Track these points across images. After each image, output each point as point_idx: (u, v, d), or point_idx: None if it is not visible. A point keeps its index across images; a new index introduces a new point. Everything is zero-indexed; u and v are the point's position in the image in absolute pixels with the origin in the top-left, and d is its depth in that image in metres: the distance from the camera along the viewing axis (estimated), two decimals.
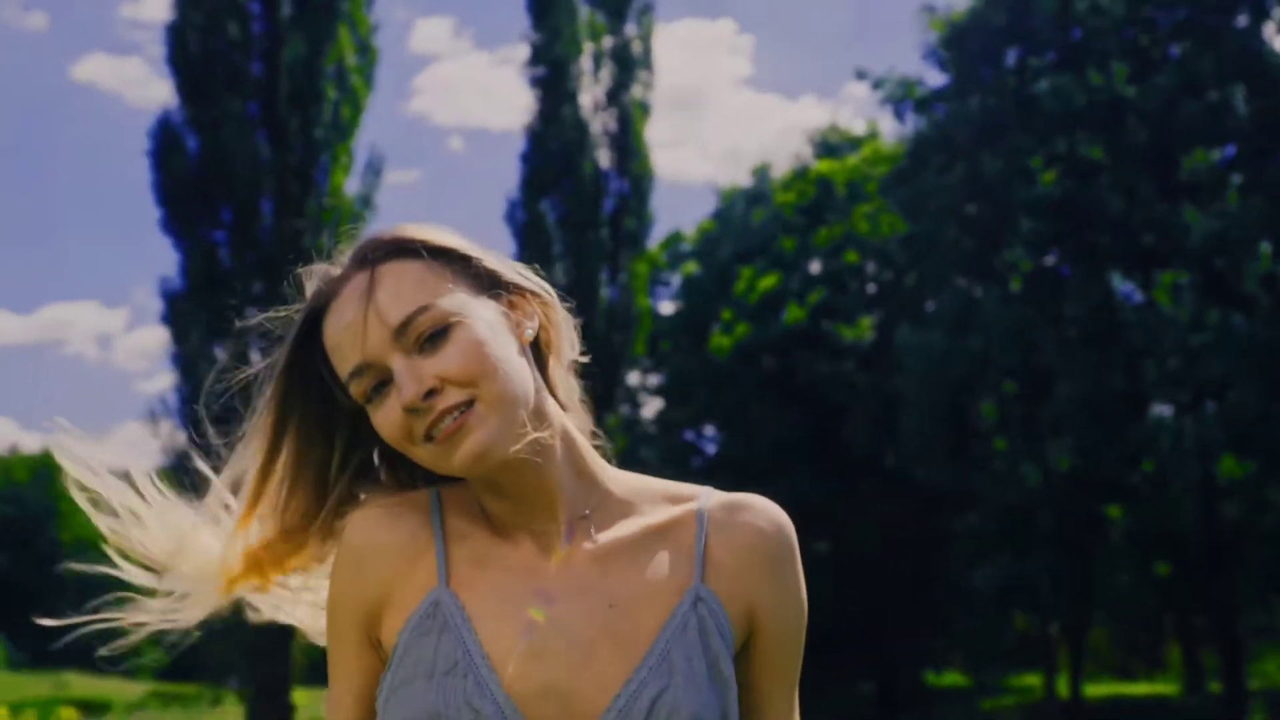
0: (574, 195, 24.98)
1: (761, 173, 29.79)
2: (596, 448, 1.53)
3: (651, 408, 31.50)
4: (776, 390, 26.86)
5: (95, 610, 1.60)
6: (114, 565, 1.60)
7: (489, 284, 1.43)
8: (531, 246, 24.53)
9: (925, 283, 23.81)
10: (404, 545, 1.44)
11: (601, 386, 24.59)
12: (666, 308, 30.85)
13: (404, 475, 1.55)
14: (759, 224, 28.46)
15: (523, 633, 1.37)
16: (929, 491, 22.94)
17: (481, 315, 1.38)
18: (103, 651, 1.63)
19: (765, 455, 26.55)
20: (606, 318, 24.14)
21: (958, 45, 21.99)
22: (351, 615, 1.45)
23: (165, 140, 19.50)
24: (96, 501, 1.55)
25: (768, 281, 26.97)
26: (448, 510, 1.46)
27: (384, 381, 1.37)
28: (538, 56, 25.43)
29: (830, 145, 29.70)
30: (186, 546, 1.55)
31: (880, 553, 26.34)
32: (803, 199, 27.82)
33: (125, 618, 1.60)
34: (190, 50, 19.23)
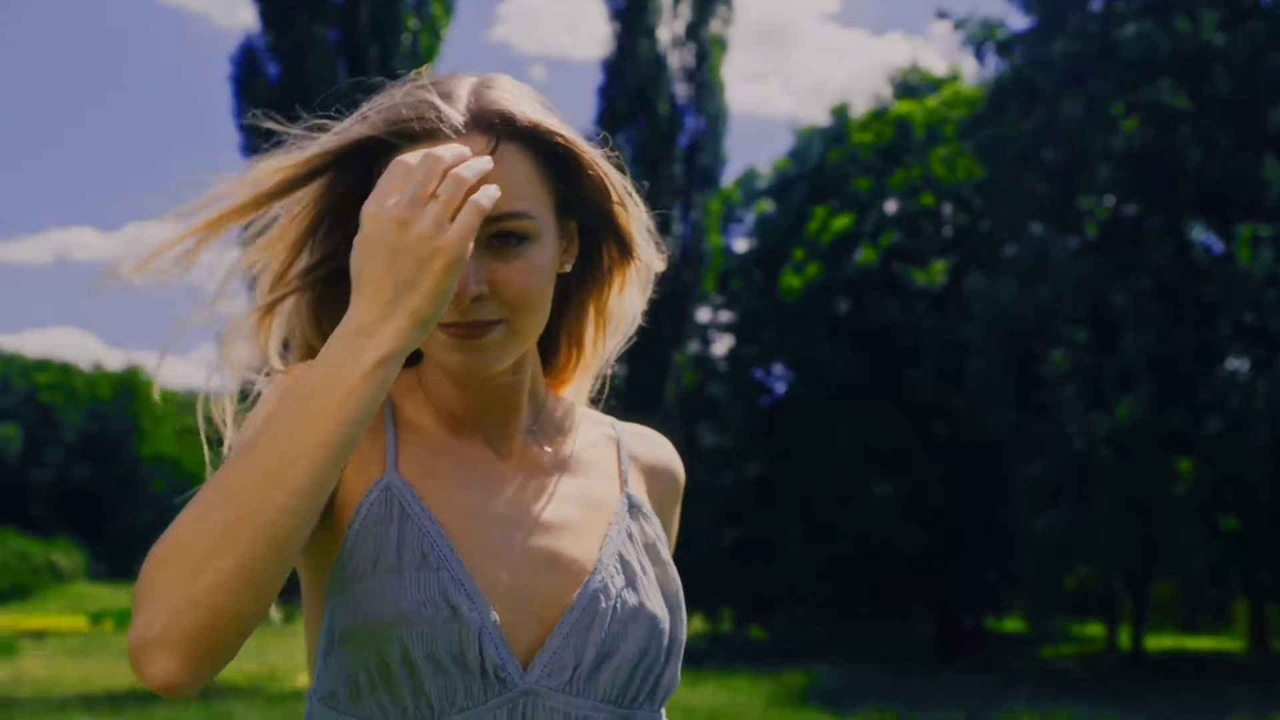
0: (650, 130, 25.00)
1: (840, 112, 29.56)
2: (605, 378, 1.58)
3: (723, 345, 31.60)
4: (846, 332, 26.82)
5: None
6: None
7: (579, 210, 1.40)
8: None
9: (1000, 228, 23.62)
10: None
11: (670, 323, 24.72)
12: (740, 245, 30.84)
13: None
14: (835, 164, 28.30)
15: (485, 531, 1.34)
16: (995, 438, 22.88)
17: (551, 242, 1.35)
18: None
19: (833, 396, 26.58)
20: (678, 254, 24.25)
21: None
22: None
23: (247, 65, 19.71)
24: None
25: (841, 222, 26.85)
26: (395, 394, 1.42)
27: None
28: None
29: (910, 86, 29.39)
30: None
31: (945, 497, 26.34)
32: (880, 140, 27.59)
33: None
34: None
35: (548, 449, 1.45)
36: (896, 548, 26.06)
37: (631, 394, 24.46)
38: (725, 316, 31.04)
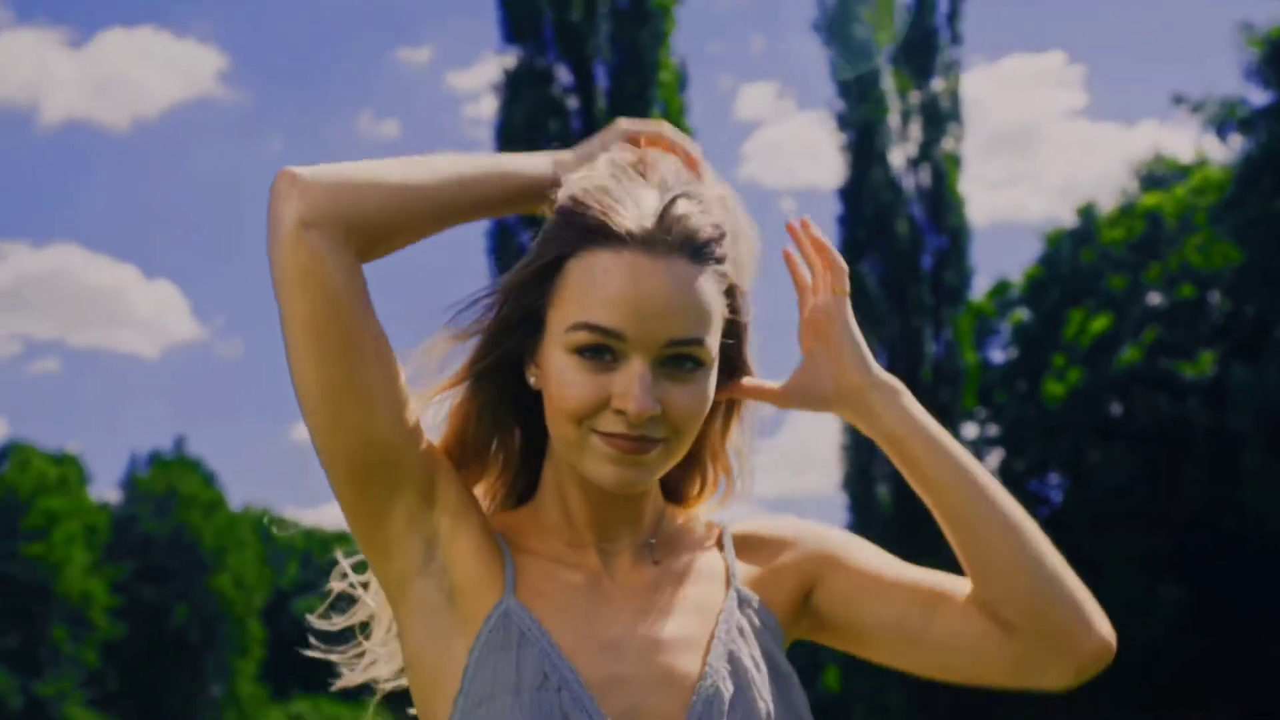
0: (892, 254, 25.16)
1: (1086, 211, 29.11)
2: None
3: (993, 459, 31.03)
4: (1116, 433, 26.04)
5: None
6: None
7: (730, 336, 1.43)
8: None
9: (1265, 313, 22.70)
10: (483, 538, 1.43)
11: None
12: (998, 356, 30.44)
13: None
14: (1087, 264, 27.80)
15: (599, 652, 1.35)
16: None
17: (714, 366, 1.37)
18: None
19: (1108, 501, 25.73)
20: (933, 373, 24.12)
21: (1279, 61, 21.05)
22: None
23: (500, 239, 20.68)
24: None
25: (1099, 323, 26.27)
26: (507, 526, 1.46)
27: (609, 350, 1.32)
28: (844, 122, 25.84)
29: (1156, 177, 28.73)
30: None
31: (1237, 598, 25.00)
32: (1131, 235, 27.00)
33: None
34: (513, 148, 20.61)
35: (657, 564, 1.45)
36: (1192, 654, 24.80)
37: (902, 519, 24.28)
38: (992, 430, 30.55)
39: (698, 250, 1.32)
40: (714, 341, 1.34)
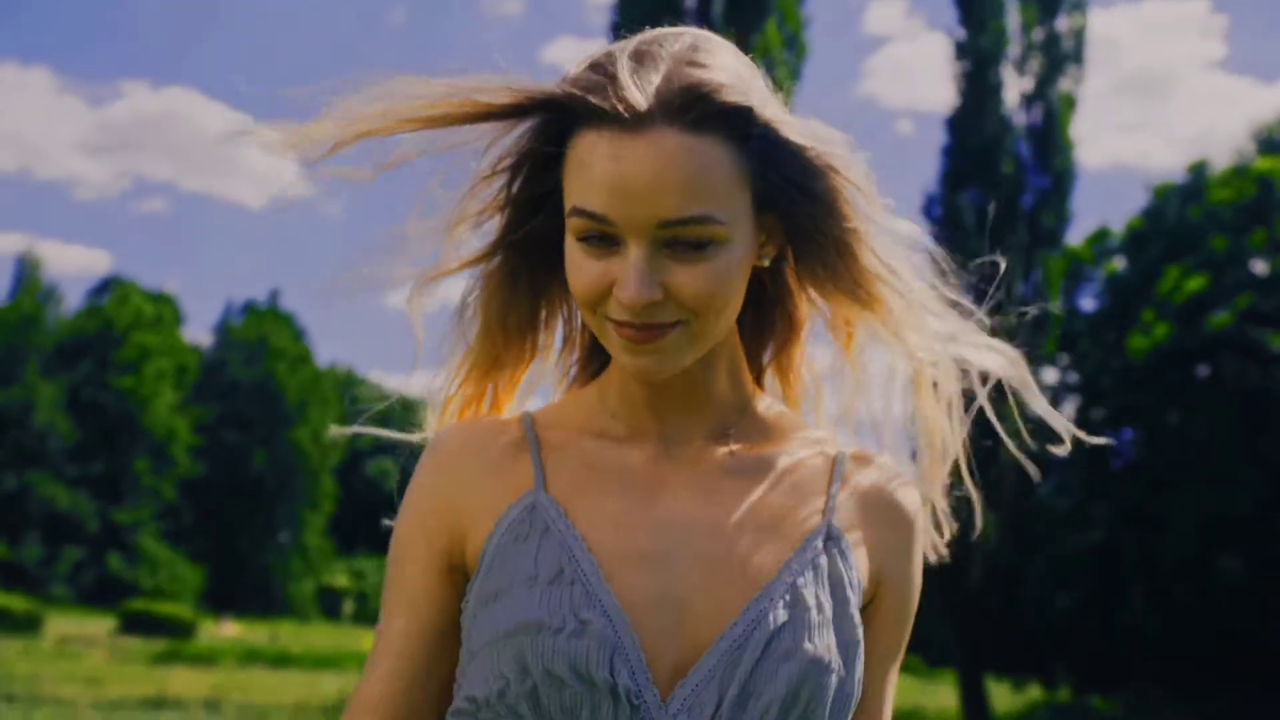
0: (993, 189, 24.98)
1: (1198, 169, 28.61)
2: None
3: (1070, 406, 30.91)
4: (1196, 397, 25.85)
5: None
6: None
7: (780, 203, 1.26)
8: (948, 241, 24.75)
9: None
10: (500, 456, 1.33)
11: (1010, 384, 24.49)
12: (1089, 305, 30.21)
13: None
14: (1191, 222, 27.41)
15: (637, 539, 1.25)
16: None
17: (743, 242, 1.23)
18: None
19: (1183, 464, 25.62)
20: (1016, 314, 24.07)
21: None
22: (430, 526, 1.32)
23: None
24: None
25: (1195, 283, 25.97)
26: (543, 428, 1.36)
27: (607, 236, 1.21)
28: (963, 50, 25.54)
29: (1275, 141, 28.14)
30: None
31: None
32: (1240, 197, 26.55)
33: None
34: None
35: (736, 453, 1.32)
36: (1255, 629, 24.78)
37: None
38: (1073, 378, 30.41)
39: (691, 116, 1.17)
40: (730, 216, 1.19)
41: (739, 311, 1.28)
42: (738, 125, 1.19)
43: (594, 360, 1.43)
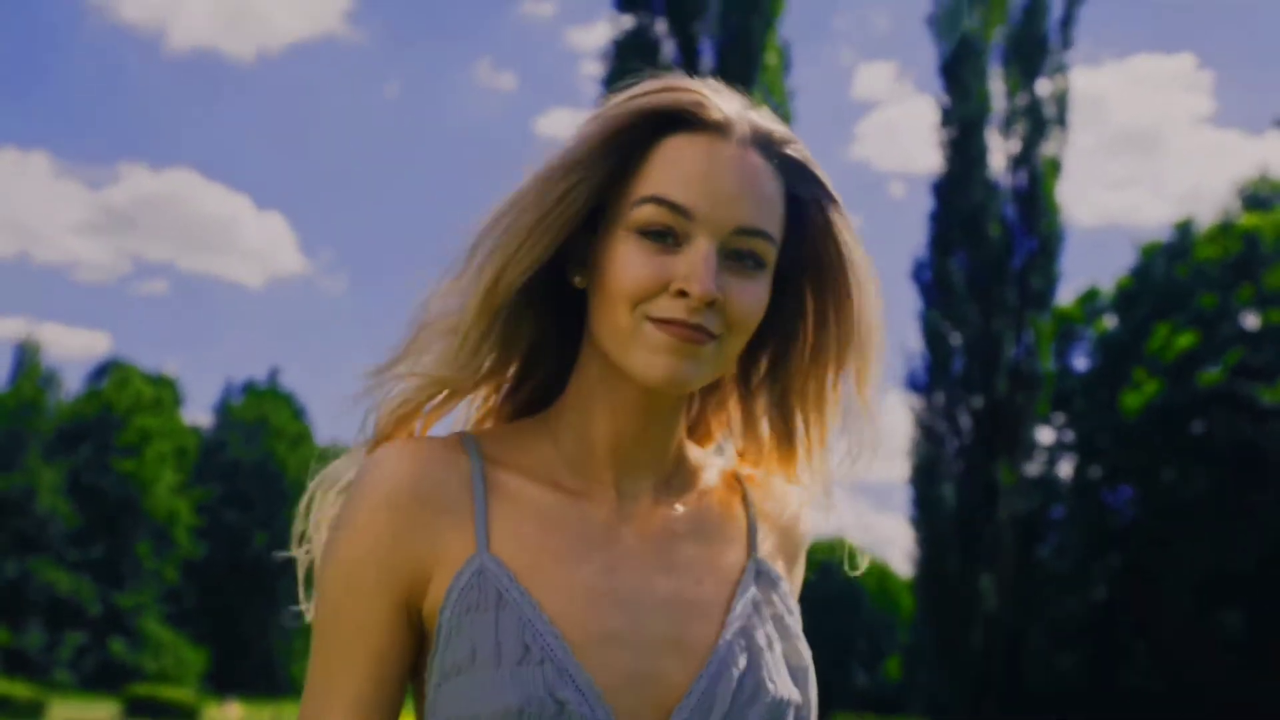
0: (981, 253, 25.18)
1: (1184, 226, 28.90)
2: None
3: (1067, 466, 30.97)
4: (1190, 452, 25.92)
5: None
6: None
7: (801, 268, 1.33)
8: (939, 304, 24.90)
9: None
10: (456, 497, 1.26)
11: (1004, 443, 24.52)
12: (1081, 363, 30.39)
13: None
14: (1179, 279, 27.65)
15: (605, 616, 1.22)
16: None
17: (770, 275, 1.26)
18: None
19: (1180, 521, 25.64)
20: (1009, 375, 24.16)
21: None
22: (389, 573, 1.23)
23: None
24: None
25: (1185, 340, 26.15)
26: (491, 464, 1.30)
27: (672, 234, 1.22)
28: (948, 117, 25.85)
29: (1259, 198, 28.44)
30: None
31: None
32: (1227, 253, 26.81)
33: None
34: None
35: (678, 507, 1.32)
36: (1249, 687, 24.66)
37: (961, 523, 24.40)
38: (1068, 437, 30.50)
39: (772, 149, 1.24)
40: (774, 244, 1.24)
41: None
42: (797, 176, 1.27)
43: (521, 391, 1.39)
